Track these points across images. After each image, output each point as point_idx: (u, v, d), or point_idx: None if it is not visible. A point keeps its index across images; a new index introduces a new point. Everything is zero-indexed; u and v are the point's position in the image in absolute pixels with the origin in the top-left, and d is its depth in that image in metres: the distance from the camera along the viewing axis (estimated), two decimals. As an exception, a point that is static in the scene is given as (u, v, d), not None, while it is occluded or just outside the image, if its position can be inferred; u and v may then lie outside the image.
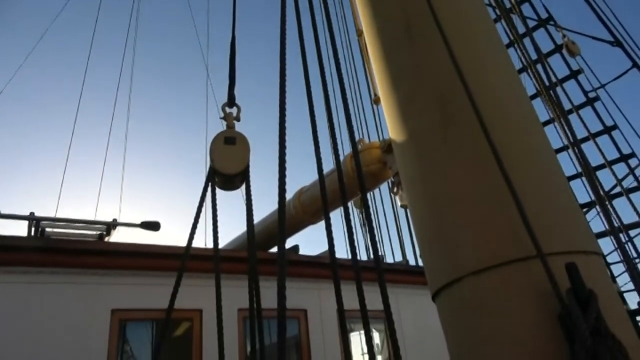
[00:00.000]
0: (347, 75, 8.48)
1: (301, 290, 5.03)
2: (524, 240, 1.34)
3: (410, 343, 5.38)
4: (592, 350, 1.10)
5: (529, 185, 1.47)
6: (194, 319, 4.45)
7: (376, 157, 4.07)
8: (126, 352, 4.29)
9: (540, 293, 1.32)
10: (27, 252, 3.78)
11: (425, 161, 1.69)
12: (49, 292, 3.86)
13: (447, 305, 1.59)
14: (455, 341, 1.58)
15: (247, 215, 2.30)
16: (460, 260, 1.49)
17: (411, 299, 5.80)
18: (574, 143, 3.88)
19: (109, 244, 4.27)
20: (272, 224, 5.16)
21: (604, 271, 1.44)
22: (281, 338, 0.85)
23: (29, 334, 3.69)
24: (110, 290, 4.11)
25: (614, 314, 1.30)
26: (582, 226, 1.48)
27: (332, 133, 1.90)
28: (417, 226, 1.78)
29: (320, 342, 5.09)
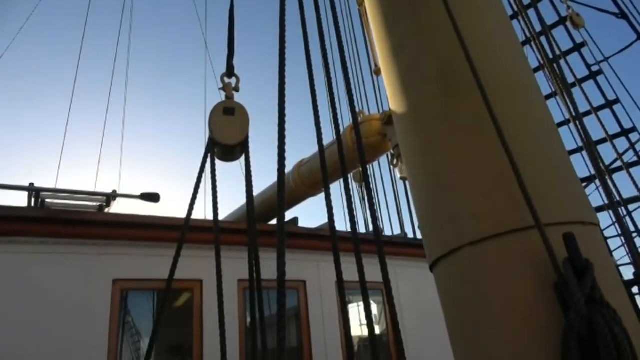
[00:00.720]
0: (348, 46, 8.38)
1: (300, 262, 5.09)
2: (523, 210, 1.34)
3: (408, 314, 5.47)
4: (586, 317, 1.11)
5: (529, 157, 1.46)
6: (194, 289, 4.51)
7: (376, 129, 4.05)
8: (128, 322, 4.36)
9: (537, 263, 1.34)
10: (28, 223, 3.80)
11: (425, 132, 1.68)
12: (51, 262, 3.90)
13: (445, 275, 1.61)
14: (451, 310, 1.60)
15: (247, 187, 2.30)
16: (458, 231, 1.50)
17: (409, 272, 5.87)
18: (576, 117, 3.86)
19: (110, 215, 4.29)
20: (271, 196, 5.17)
21: (601, 242, 1.45)
22: (281, 305, 0.86)
23: (31, 303, 3.74)
24: (111, 261, 4.15)
25: (610, 284, 1.32)
26: (580, 197, 1.49)
27: (332, 103, 1.88)
28: (416, 197, 1.79)
29: (319, 312, 5.17)
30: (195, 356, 4.34)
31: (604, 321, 1.10)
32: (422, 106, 1.72)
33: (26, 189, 4.46)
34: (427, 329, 5.20)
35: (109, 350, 3.92)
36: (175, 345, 4.64)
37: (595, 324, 1.10)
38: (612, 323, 1.10)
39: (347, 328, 1.62)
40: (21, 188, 4.46)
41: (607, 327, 1.09)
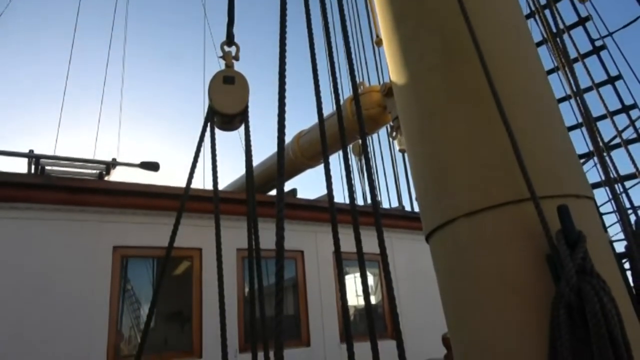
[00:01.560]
0: (349, 17, 8.27)
1: (298, 233, 5.15)
2: (519, 182, 1.36)
3: (403, 285, 5.57)
4: (576, 287, 1.14)
5: (527, 130, 1.47)
6: (193, 257, 4.58)
7: (376, 100, 4.04)
8: (128, 290, 4.44)
9: (531, 234, 1.36)
10: (28, 189, 3.82)
11: (425, 103, 1.68)
12: (52, 228, 3.94)
13: (440, 245, 1.63)
14: (446, 280, 1.64)
15: (246, 157, 2.31)
16: (455, 202, 1.52)
17: (405, 244, 5.94)
18: (577, 92, 3.84)
19: (111, 183, 4.31)
20: (270, 166, 5.19)
21: (594, 215, 1.48)
22: (279, 269, 0.88)
23: (33, 269, 3.79)
24: (111, 228, 4.19)
25: (601, 256, 1.35)
26: (576, 170, 1.50)
27: (332, 74, 1.88)
28: (414, 168, 1.80)
29: (316, 282, 5.26)
30: (194, 323, 4.44)
31: (593, 291, 1.12)
32: (422, 77, 1.71)
33: (26, 156, 4.46)
34: (421, 299, 5.31)
35: (110, 316, 4.01)
36: (174, 312, 4.73)
37: (585, 293, 1.12)
38: (601, 293, 1.13)
39: (343, 297, 1.65)
40: (21, 155, 4.46)
41: (596, 296, 1.12)
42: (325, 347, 5.01)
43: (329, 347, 5.03)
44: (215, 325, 4.07)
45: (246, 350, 4.40)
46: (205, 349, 4.30)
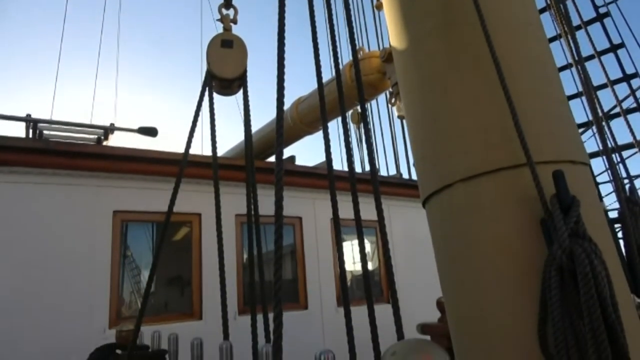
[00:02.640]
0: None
1: (297, 199, 5.18)
2: (516, 148, 1.37)
3: (399, 252, 5.65)
4: (568, 249, 1.17)
5: (526, 95, 1.47)
6: (193, 222, 4.62)
7: (376, 66, 4.00)
8: (128, 256, 4.50)
9: (526, 199, 1.38)
10: (27, 154, 3.82)
11: (424, 68, 1.68)
12: (51, 193, 3.96)
13: (437, 210, 1.66)
14: (441, 244, 1.67)
15: (245, 121, 2.31)
16: (452, 167, 1.54)
17: (402, 211, 6.00)
18: (578, 60, 3.80)
19: (110, 148, 4.32)
20: (269, 133, 5.18)
21: (589, 181, 1.50)
22: (278, 232, 0.90)
23: (34, 233, 3.82)
24: (111, 193, 4.22)
25: (594, 221, 1.37)
26: (573, 137, 1.51)
27: (332, 38, 1.86)
28: (412, 134, 1.81)
29: (314, 248, 5.33)
30: (194, 287, 4.52)
31: (585, 253, 1.15)
32: (422, 41, 1.70)
33: (23, 120, 4.44)
34: (416, 266, 5.40)
35: (111, 279, 4.07)
36: (174, 277, 4.81)
37: (576, 255, 1.15)
38: (592, 255, 1.15)
39: (341, 263, 1.68)
40: (18, 119, 4.43)
41: (587, 258, 1.14)
42: (323, 310, 5.12)
43: (326, 311, 5.14)
44: (214, 288, 4.15)
45: (245, 312, 4.50)
46: (205, 312, 4.40)
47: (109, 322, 3.94)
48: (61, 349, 3.62)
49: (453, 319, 1.59)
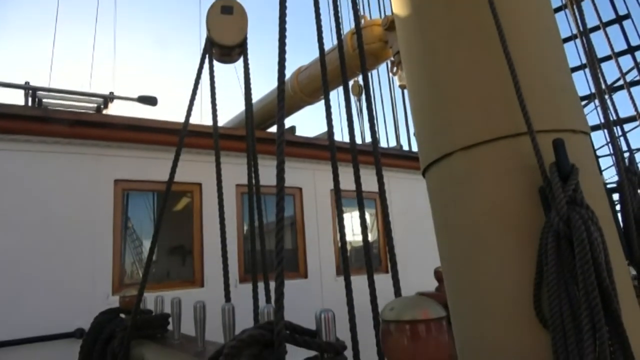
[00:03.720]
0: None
1: (297, 170, 5.20)
2: (517, 117, 1.37)
3: (398, 223, 5.70)
4: (565, 216, 1.18)
5: (528, 63, 1.47)
6: (193, 192, 4.65)
7: (377, 34, 3.95)
8: (129, 227, 4.54)
9: (526, 168, 1.39)
10: (27, 121, 3.81)
11: (427, 36, 1.66)
12: (52, 161, 3.96)
13: (436, 179, 1.67)
14: (440, 212, 1.69)
15: (245, 89, 2.30)
16: (452, 136, 1.54)
17: (401, 183, 6.02)
18: (583, 31, 3.74)
19: (111, 117, 4.30)
20: (269, 103, 5.16)
21: (589, 150, 1.50)
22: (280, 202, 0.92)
23: (37, 201, 3.85)
24: (112, 162, 4.23)
25: (592, 189, 1.39)
26: (574, 106, 1.51)
27: (334, 3, 1.83)
28: (413, 103, 1.81)
29: (313, 218, 5.38)
30: (195, 255, 4.58)
31: (582, 220, 1.17)
32: (425, 9, 1.68)
33: (22, 87, 4.40)
34: (414, 237, 5.45)
35: (113, 247, 4.12)
36: (176, 246, 4.87)
37: (573, 222, 1.17)
38: (588, 222, 1.17)
39: (342, 232, 1.70)
40: (17, 86, 4.40)
41: (584, 225, 1.16)
42: (322, 279, 5.20)
43: (325, 280, 5.22)
44: (215, 257, 4.21)
45: (245, 280, 4.57)
46: (207, 279, 4.47)
47: (112, 289, 4.01)
48: (66, 314, 3.69)
49: (450, 286, 1.63)
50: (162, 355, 1.69)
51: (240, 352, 0.80)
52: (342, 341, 0.87)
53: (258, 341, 0.82)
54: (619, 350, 1.14)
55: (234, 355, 0.80)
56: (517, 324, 1.36)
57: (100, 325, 2.15)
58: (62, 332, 3.64)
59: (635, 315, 1.35)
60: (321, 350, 0.84)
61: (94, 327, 2.16)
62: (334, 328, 0.87)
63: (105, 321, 2.17)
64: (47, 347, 3.58)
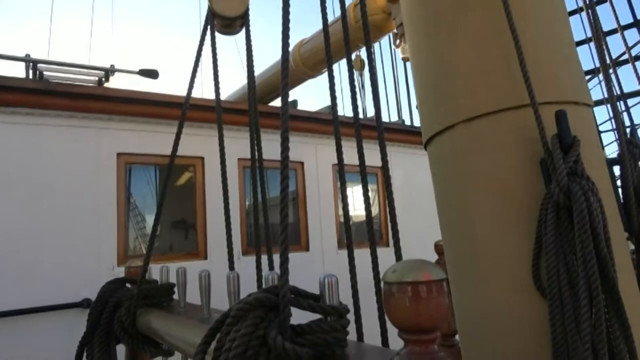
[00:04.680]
0: None
1: (299, 144, 5.20)
2: (520, 89, 1.38)
3: (399, 197, 5.72)
4: (565, 187, 1.20)
5: (533, 34, 1.46)
6: (196, 165, 4.67)
7: (380, 6, 3.90)
8: (132, 203, 4.57)
9: (528, 140, 1.40)
10: (28, 94, 3.80)
11: (431, 5, 1.65)
12: (55, 134, 3.97)
13: (438, 151, 1.68)
14: (442, 185, 1.70)
15: (247, 61, 2.29)
16: (455, 108, 1.54)
17: (403, 157, 6.03)
18: (589, 4, 3.69)
19: (112, 90, 4.29)
20: (271, 77, 5.12)
21: (591, 122, 1.51)
22: (284, 177, 0.93)
23: (40, 173, 3.87)
24: (114, 135, 4.23)
25: (593, 161, 1.40)
26: (577, 78, 1.51)
27: (337, -27, 1.81)
28: (416, 75, 1.80)
29: (315, 192, 5.41)
30: (198, 228, 4.63)
31: (582, 190, 1.18)
32: None
33: (23, 60, 4.37)
34: (415, 211, 5.48)
35: (117, 219, 4.16)
36: (179, 220, 4.91)
37: (573, 192, 1.18)
38: (588, 193, 1.19)
39: (345, 205, 1.71)
40: (18, 59, 4.37)
41: (584, 195, 1.18)
42: (324, 252, 5.26)
43: (327, 253, 5.28)
44: (217, 230, 4.26)
45: (248, 253, 4.63)
46: (210, 252, 4.53)
47: (117, 261, 4.06)
48: (72, 285, 3.76)
49: (450, 258, 1.65)
50: (169, 321, 1.73)
51: (247, 314, 0.83)
52: (344, 305, 0.89)
53: (263, 304, 0.85)
54: (614, 317, 1.17)
55: (240, 317, 0.83)
56: (515, 294, 1.39)
57: (107, 294, 2.20)
58: (69, 302, 3.71)
59: (632, 285, 1.38)
60: (325, 313, 0.87)
61: (100, 295, 2.21)
62: (337, 292, 0.90)
63: (112, 290, 2.22)
64: (56, 316, 3.66)
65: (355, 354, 0.86)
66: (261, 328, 0.81)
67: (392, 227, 1.52)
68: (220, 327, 0.87)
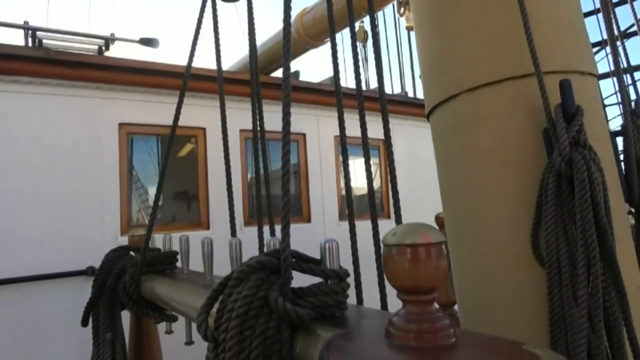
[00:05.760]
0: None
1: (301, 116, 5.17)
2: (524, 58, 1.36)
3: (400, 170, 5.71)
4: (567, 156, 1.20)
5: (539, 2, 1.44)
6: (197, 136, 4.66)
7: (385, -27, 3.82)
8: (134, 175, 4.58)
9: (531, 109, 1.39)
10: (28, 62, 3.77)
11: None
12: (56, 103, 3.95)
13: (441, 121, 1.67)
14: (444, 155, 1.70)
15: (249, 29, 2.26)
16: (459, 78, 1.53)
17: (405, 130, 6.00)
18: (599, -28, 3.60)
19: (114, 59, 4.24)
20: (273, 47, 5.06)
21: (595, 92, 1.50)
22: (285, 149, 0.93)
23: (42, 142, 3.87)
24: (116, 105, 4.21)
25: (596, 131, 1.39)
26: (583, 47, 1.49)
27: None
28: (421, 44, 1.78)
29: (317, 164, 5.42)
30: (201, 199, 4.66)
31: (583, 160, 1.18)
32: None
33: (22, 27, 4.32)
34: (416, 184, 5.49)
35: (120, 189, 4.18)
36: (181, 191, 4.94)
37: (575, 162, 1.19)
38: (590, 162, 1.19)
39: (347, 177, 1.71)
40: (16, 26, 4.31)
41: (585, 165, 1.18)
42: (325, 224, 5.30)
43: (328, 224, 5.32)
44: (219, 201, 4.28)
45: (250, 224, 4.66)
46: (212, 222, 4.56)
47: (120, 230, 4.10)
48: (77, 253, 3.81)
49: (451, 228, 1.66)
50: (172, 287, 1.76)
51: (249, 277, 0.84)
52: (345, 269, 0.91)
53: (265, 266, 0.87)
54: (612, 284, 1.18)
55: (242, 279, 0.84)
56: (514, 263, 1.40)
57: (111, 261, 2.23)
58: (74, 270, 3.77)
59: (630, 256, 1.40)
60: (325, 276, 0.88)
61: (105, 263, 2.24)
62: (338, 257, 0.91)
63: (116, 257, 2.25)
64: (61, 283, 3.73)
65: (354, 316, 0.88)
66: (263, 290, 0.83)
67: (394, 199, 1.52)
68: (222, 289, 0.89)
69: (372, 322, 0.83)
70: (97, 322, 2.24)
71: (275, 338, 0.81)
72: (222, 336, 0.82)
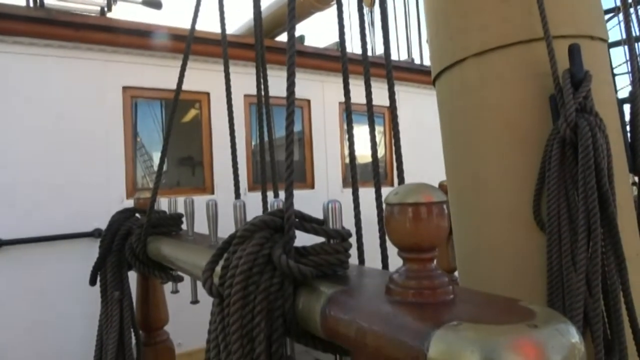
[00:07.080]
0: None
1: (306, 81, 5.12)
2: (534, 22, 1.34)
3: (405, 137, 5.68)
4: (573, 122, 1.19)
5: None
6: (202, 101, 4.64)
7: (394, -64, 3.71)
8: (139, 141, 4.58)
9: (538, 75, 1.38)
10: (30, 23, 3.71)
11: None
12: (60, 65, 3.92)
13: (447, 86, 1.66)
14: (449, 121, 1.69)
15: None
16: (466, 42, 1.51)
17: (410, 97, 5.94)
18: None
19: (116, 21, 4.17)
20: (278, 10, 4.97)
21: (605, 58, 1.47)
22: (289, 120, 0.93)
23: (47, 105, 3.85)
24: (119, 68, 4.17)
25: (604, 98, 1.38)
26: (594, 11, 1.46)
27: None
28: (428, 8, 1.75)
29: (321, 130, 5.40)
30: (205, 164, 4.67)
31: (589, 126, 1.18)
32: None
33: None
34: (421, 151, 5.47)
35: (125, 153, 4.20)
36: (185, 157, 4.95)
37: (580, 128, 1.18)
38: (595, 129, 1.18)
39: (351, 144, 1.70)
40: (17, -15, 4.23)
41: (591, 132, 1.17)
42: (329, 190, 5.33)
43: (331, 191, 5.35)
44: (224, 166, 4.30)
45: (254, 189, 4.69)
46: (216, 187, 4.59)
47: (126, 193, 4.14)
48: (84, 216, 3.86)
49: (453, 193, 1.67)
50: (178, 247, 1.79)
51: (253, 235, 0.86)
52: (347, 229, 0.92)
53: (269, 225, 0.88)
54: (611, 250, 1.20)
55: (246, 237, 0.86)
56: (515, 227, 1.42)
57: (117, 222, 2.26)
58: (81, 232, 3.83)
59: (631, 224, 1.40)
60: (328, 236, 0.90)
61: (111, 224, 2.27)
62: (340, 217, 0.92)
63: (122, 219, 2.28)
64: (69, 244, 3.79)
65: (356, 274, 0.90)
66: (266, 247, 0.84)
67: (398, 166, 1.52)
68: (227, 247, 0.91)
69: (373, 280, 0.85)
70: (105, 282, 2.29)
71: (279, 294, 0.83)
72: (226, 291, 0.84)
